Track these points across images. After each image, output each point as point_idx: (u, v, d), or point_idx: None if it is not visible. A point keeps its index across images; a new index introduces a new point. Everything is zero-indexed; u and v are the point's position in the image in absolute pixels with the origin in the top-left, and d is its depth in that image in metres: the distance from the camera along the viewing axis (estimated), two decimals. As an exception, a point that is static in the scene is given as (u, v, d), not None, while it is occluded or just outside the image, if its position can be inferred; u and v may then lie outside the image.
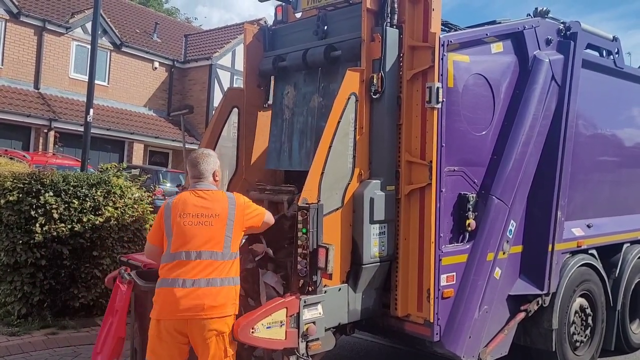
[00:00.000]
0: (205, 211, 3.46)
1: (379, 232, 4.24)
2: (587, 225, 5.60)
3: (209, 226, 3.43)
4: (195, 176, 3.63)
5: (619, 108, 6.20)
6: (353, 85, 4.22)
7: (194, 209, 3.45)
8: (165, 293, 3.34)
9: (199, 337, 3.33)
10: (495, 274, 4.58)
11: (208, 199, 3.52)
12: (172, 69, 24.25)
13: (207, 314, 3.30)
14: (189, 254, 3.37)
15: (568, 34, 5.32)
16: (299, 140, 4.97)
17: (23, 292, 5.88)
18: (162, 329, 3.33)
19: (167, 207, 3.51)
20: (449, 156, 4.31)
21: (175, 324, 3.31)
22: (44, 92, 19.64)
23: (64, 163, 12.70)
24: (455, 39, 4.42)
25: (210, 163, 3.67)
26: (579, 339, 5.37)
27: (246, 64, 5.35)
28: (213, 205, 3.50)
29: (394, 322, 4.40)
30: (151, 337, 3.38)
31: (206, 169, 3.64)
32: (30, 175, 6.01)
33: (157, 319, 3.35)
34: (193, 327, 3.31)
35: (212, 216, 3.46)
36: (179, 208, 3.46)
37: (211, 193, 3.57)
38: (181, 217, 3.43)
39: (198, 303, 3.28)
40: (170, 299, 3.30)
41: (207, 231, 3.42)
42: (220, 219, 3.47)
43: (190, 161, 3.69)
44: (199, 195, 3.53)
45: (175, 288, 3.30)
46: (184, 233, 3.40)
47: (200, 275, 3.34)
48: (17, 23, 19.03)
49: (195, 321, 3.29)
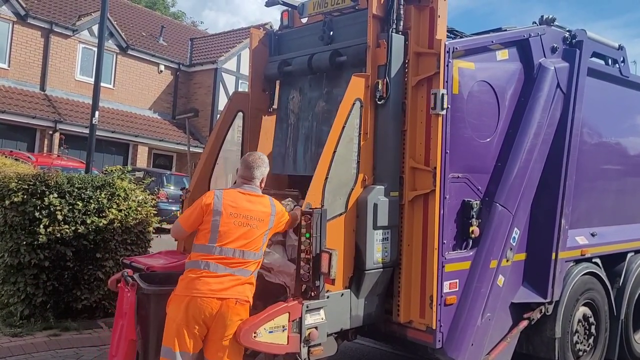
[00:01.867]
0: (253, 214, 3.67)
1: (382, 238, 4.24)
2: (591, 233, 5.58)
3: (254, 229, 3.65)
4: (247, 177, 3.82)
5: (624, 116, 6.19)
6: (358, 90, 4.23)
7: (244, 210, 3.65)
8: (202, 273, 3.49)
9: (220, 331, 3.47)
10: (498, 282, 4.57)
11: (256, 203, 3.74)
12: (177, 72, 24.34)
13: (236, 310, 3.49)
14: (234, 252, 3.56)
15: (574, 42, 5.32)
16: (303, 145, 4.97)
17: (26, 293, 5.89)
18: (190, 311, 3.44)
19: (218, 202, 3.63)
20: (453, 163, 4.30)
21: (205, 306, 3.43)
22: (49, 93, 19.74)
23: (68, 165, 12.72)
24: (460, 46, 4.42)
25: (262, 169, 3.88)
26: (582, 348, 5.34)
27: (252, 68, 5.37)
28: (259, 210, 3.72)
29: (396, 328, 4.39)
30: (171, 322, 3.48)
31: (257, 174, 3.84)
32: (35, 176, 6.03)
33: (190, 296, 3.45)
34: (219, 318, 3.45)
35: (258, 220, 3.68)
36: (230, 206, 3.63)
37: (258, 198, 3.78)
38: (232, 216, 3.61)
39: (231, 294, 3.48)
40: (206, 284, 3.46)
41: (251, 233, 3.63)
42: (264, 224, 3.70)
43: (245, 162, 3.87)
44: (249, 198, 3.73)
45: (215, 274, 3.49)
46: (232, 231, 3.58)
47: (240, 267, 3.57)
48: (24, 25, 19.15)
49: (224, 312, 3.45)
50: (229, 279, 3.51)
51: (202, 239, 3.62)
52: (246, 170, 3.83)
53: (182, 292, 3.52)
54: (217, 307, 3.45)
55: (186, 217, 3.79)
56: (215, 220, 3.59)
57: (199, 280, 3.48)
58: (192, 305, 3.44)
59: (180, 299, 3.49)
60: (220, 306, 3.45)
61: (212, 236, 3.58)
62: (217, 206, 3.62)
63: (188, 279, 3.53)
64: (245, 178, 3.82)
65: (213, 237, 3.57)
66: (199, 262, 3.54)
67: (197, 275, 3.50)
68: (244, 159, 3.95)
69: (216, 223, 3.59)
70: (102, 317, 6.31)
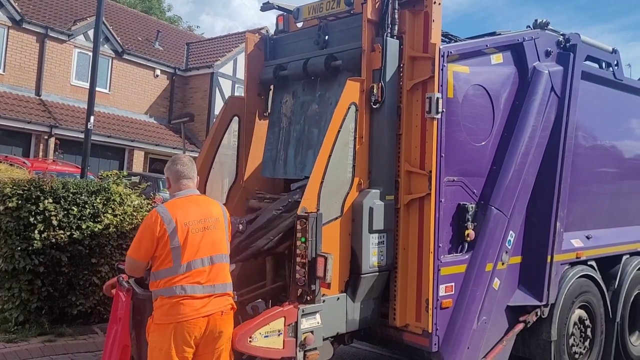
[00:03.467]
0: (206, 215, 3.46)
1: (378, 242, 4.24)
2: (586, 236, 5.59)
3: (213, 230, 3.45)
4: (187, 177, 3.54)
5: (618, 120, 6.22)
6: (353, 95, 4.24)
7: (198, 215, 3.41)
8: (183, 301, 3.25)
9: (211, 345, 3.33)
10: (494, 285, 4.57)
11: (205, 203, 3.54)
12: (173, 76, 24.32)
13: (224, 319, 3.36)
14: (203, 261, 3.35)
15: (568, 46, 5.35)
16: (294, 148, 4.98)
17: (21, 299, 5.86)
18: (178, 336, 3.23)
19: (168, 220, 3.32)
20: (448, 166, 4.32)
21: (194, 327, 3.26)
22: (45, 98, 19.69)
23: (64, 170, 12.68)
24: (455, 50, 4.44)
25: (195, 170, 3.65)
26: (578, 350, 5.34)
27: (247, 72, 5.37)
28: (212, 208, 3.53)
29: (392, 332, 4.39)
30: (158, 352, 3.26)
31: (194, 173, 3.62)
32: (30, 181, 6.01)
33: (175, 323, 3.23)
34: (209, 333, 3.30)
35: (214, 219, 3.48)
36: (181, 218, 3.35)
37: (204, 198, 3.61)
38: (186, 225, 3.34)
39: (216, 308, 3.32)
40: (190, 305, 3.26)
41: (212, 235, 3.44)
42: (220, 222, 3.52)
43: (179, 162, 3.59)
44: (194, 199, 3.51)
45: (195, 295, 3.28)
46: (192, 241, 3.33)
47: (217, 281, 3.38)
48: (19, 30, 19.11)
49: (214, 325, 3.31)
50: (209, 296, 3.32)
51: (165, 264, 3.31)
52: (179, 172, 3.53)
53: (164, 320, 3.26)
54: (205, 324, 3.28)
55: (137, 248, 3.39)
56: (172, 238, 3.29)
57: (181, 305, 3.24)
58: (179, 330, 3.23)
59: (163, 327, 3.26)
60: (207, 322, 3.29)
61: (174, 255, 3.29)
62: (170, 222, 3.31)
63: (167, 305, 3.26)
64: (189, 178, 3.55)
65: (177, 255, 3.29)
66: (173, 287, 3.26)
67: (177, 300, 3.25)
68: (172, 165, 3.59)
69: (176, 239, 3.29)
70: (97, 323, 6.28)
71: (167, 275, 3.31)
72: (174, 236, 3.30)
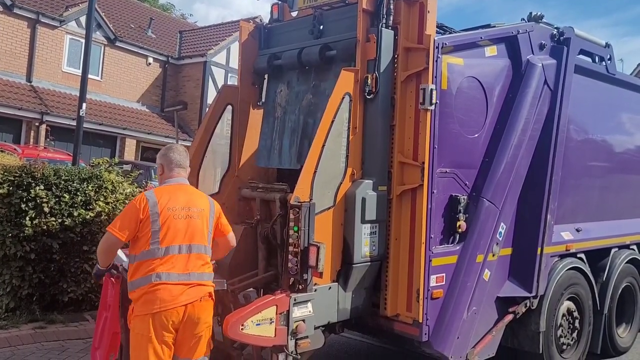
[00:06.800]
0: (190, 204, 3.49)
1: (370, 232, 4.26)
2: (577, 229, 5.64)
3: (196, 219, 3.48)
4: (180, 166, 3.62)
5: (610, 114, 6.26)
6: (347, 85, 4.24)
7: (179, 202, 3.45)
8: (161, 287, 3.28)
9: (190, 331, 3.35)
10: (484, 276, 4.61)
11: (192, 193, 3.60)
12: (166, 65, 24.14)
13: (202, 306, 3.37)
14: (180, 248, 3.38)
15: (561, 39, 5.36)
16: (289, 138, 4.97)
17: (12, 286, 5.84)
18: (157, 324, 3.26)
19: (152, 203, 3.37)
20: (441, 158, 4.33)
21: (171, 316, 3.28)
22: (36, 85, 19.50)
23: (55, 157, 12.56)
24: (449, 42, 4.44)
25: (188, 160, 3.74)
26: (566, 341, 5.41)
27: (241, 61, 5.35)
28: (197, 199, 3.57)
29: (383, 321, 4.42)
30: (140, 337, 3.29)
31: (187, 165, 3.70)
32: (21, 168, 5.98)
33: (152, 313, 3.26)
34: (188, 321, 3.32)
35: (197, 209, 3.51)
36: (166, 202, 3.40)
37: (193, 188, 3.66)
38: (170, 211, 3.39)
39: (193, 297, 3.34)
40: (167, 293, 3.27)
41: (194, 224, 3.46)
42: (204, 214, 3.54)
43: (176, 150, 3.66)
44: (182, 188, 3.57)
45: (170, 282, 3.30)
46: (174, 227, 3.37)
47: (193, 270, 3.40)
48: (10, 15, 18.86)
49: (192, 313, 3.32)
50: (185, 284, 3.33)
51: (144, 246, 3.34)
52: (174, 160, 3.60)
53: (142, 311, 3.29)
54: (182, 311, 3.30)
55: (117, 225, 3.37)
56: (155, 221, 3.33)
57: (158, 292, 3.26)
58: (158, 319, 3.26)
59: (142, 318, 3.29)
60: (185, 310, 3.30)
61: (154, 238, 3.32)
62: (154, 205, 3.36)
63: (145, 296, 3.29)
64: (181, 167, 3.62)
65: (156, 239, 3.32)
66: (149, 276, 3.29)
67: (154, 289, 3.27)
68: (168, 152, 3.65)
69: (157, 223, 3.33)
70: (88, 310, 6.28)
71: (145, 257, 3.34)
72: (156, 219, 3.35)
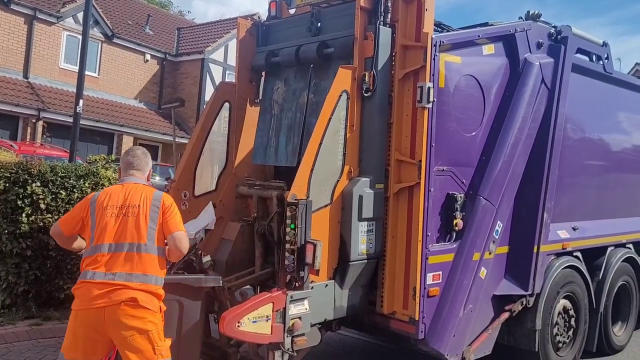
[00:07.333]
0: (126, 202, 3.41)
1: (367, 230, 4.26)
2: (573, 227, 5.66)
3: (129, 217, 3.37)
4: (131, 167, 3.62)
5: (607, 113, 6.27)
6: (345, 82, 4.23)
7: (116, 200, 3.42)
8: (84, 286, 3.26)
9: (118, 334, 3.22)
10: (480, 274, 4.62)
11: (132, 190, 3.48)
12: (163, 62, 24.09)
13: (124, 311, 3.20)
14: (109, 247, 3.31)
15: (559, 38, 5.37)
16: (286, 135, 4.97)
17: (8, 282, 5.84)
18: (79, 322, 3.25)
19: (93, 200, 3.44)
20: (438, 156, 4.33)
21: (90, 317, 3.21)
22: (33, 81, 19.43)
23: (52, 154, 12.56)
24: (447, 40, 4.44)
25: (148, 163, 3.71)
26: (562, 340, 5.42)
27: (239, 58, 5.34)
28: (135, 196, 3.44)
29: (379, 319, 4.43)
30: (67, 331, 3.31)
31: (144, 167, 3.66)
32: (18, 164, 5.96)
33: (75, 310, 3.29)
34: (109, 323, 3.19)
35: (132, 206, 3.39)
36: (103, 200, 3.42)
37: (136, 186, 3.52)
38: (104, 209, 3.39)
39: (116, 298, 3.19)
40: (88, 292, 3.22)
41: (126, 222, 3.36)
42: (142, 210, 3.40)
43: (131, 153, 3.69)
44: (125, 187, 3.51)
45: (93, 281, 3.24)
46: (105, 225, 3.34)
47: (122, 270, 3.27)
48: (7, 11, 18.79)
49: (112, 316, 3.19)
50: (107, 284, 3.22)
51: (87, 244, 3.41)
52: (135, 159, 3.63)
53: (74, 305, 3.30)
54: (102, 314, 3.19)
55: (63, 217, 3.59)
56: (92, 219, 3.37)
57: (78, 290, 3.27)
58: (79, 317, 3.25)
59: (73, 313, 3.29)
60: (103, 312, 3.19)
61: (91, 236, 3.36)
62: (92, 205, 3.41)
63: (74, 291, 3.32)
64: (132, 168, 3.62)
65: (92, 237, 3.35)
66: (86, 271, 3.30)
67: (78, 287, 3.29)
68: (124, 155, 3.73)
69: (93, 223, 3.36)
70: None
71: (85, 255, 3.40)
72: (93, 217, 3.39)
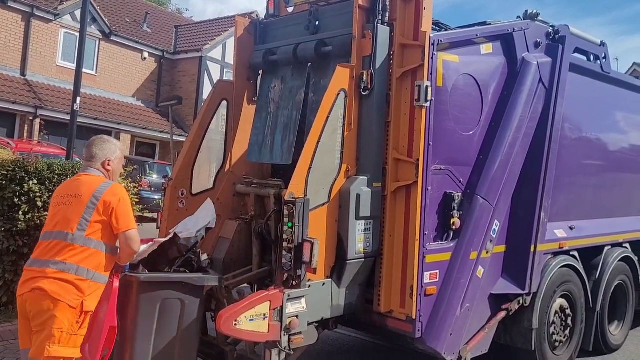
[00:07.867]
0: (70, 191, 3.43)
1: (364, 229, 4.26)
2: (570, 227, 5.66)
3: (67, 206, 3.36)
4: (86, 159, 3.62)
5: (604, 112, 6.28)
6: (343, 81, 4.23)
7: (64, 190, 3.48)
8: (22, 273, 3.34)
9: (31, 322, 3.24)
10: (478, 273, 4.62)
11: (81, 181, 3.45)
12: (161, 59, 24.07)
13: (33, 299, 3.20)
14: (45, 235, 3.37)
15: (557, 38, 5.37)
16: (281, 134, 4.96)
17: (4, 280, 5.82)
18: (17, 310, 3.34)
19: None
20: (435, 155, 4.33)
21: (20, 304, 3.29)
22: (30, 79, 19.39)
23: (49, 151, 12.55)
24: (445, 39, 4.44)
25: (104, 149, 3.58)
26: (559, 339, 5.44)
27: (237, 56, 5.33)
28: (80, 186, 3.41)
29: (376, 318, 4.43)
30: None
31: (97, 154, 3.56)
32: (15, 162, 5.94)
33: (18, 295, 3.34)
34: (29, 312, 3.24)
35: (73, 196, 3.38)
36: (56, 192, 3.52)
37: (89, 177, 3.47)
38: (55, 199, 3.48)
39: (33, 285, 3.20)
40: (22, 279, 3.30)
41: (64, 211, 3.35)
42: (80, 200, 3.34)
43: (87, 144, 3.67)
44: (77, 177, 3.54)
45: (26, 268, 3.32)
46: (50, 214, 3.44)
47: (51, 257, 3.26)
48: (4, 8, 18.76)
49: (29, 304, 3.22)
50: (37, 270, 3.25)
51: None
52: (86, 149, 3.62)
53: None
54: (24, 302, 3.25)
55: None
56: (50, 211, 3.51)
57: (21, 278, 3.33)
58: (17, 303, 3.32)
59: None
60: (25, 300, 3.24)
61: None
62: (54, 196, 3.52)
63: None
64: (86, 159, 3.61)
65: None
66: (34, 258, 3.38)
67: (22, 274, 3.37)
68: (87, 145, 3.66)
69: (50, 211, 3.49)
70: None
71: None
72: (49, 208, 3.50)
